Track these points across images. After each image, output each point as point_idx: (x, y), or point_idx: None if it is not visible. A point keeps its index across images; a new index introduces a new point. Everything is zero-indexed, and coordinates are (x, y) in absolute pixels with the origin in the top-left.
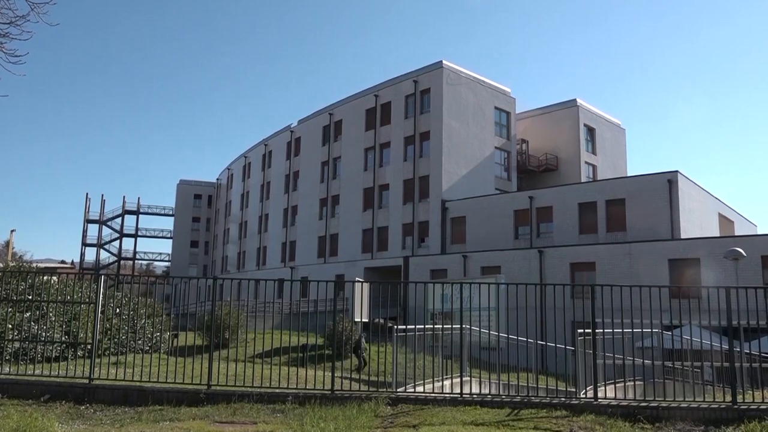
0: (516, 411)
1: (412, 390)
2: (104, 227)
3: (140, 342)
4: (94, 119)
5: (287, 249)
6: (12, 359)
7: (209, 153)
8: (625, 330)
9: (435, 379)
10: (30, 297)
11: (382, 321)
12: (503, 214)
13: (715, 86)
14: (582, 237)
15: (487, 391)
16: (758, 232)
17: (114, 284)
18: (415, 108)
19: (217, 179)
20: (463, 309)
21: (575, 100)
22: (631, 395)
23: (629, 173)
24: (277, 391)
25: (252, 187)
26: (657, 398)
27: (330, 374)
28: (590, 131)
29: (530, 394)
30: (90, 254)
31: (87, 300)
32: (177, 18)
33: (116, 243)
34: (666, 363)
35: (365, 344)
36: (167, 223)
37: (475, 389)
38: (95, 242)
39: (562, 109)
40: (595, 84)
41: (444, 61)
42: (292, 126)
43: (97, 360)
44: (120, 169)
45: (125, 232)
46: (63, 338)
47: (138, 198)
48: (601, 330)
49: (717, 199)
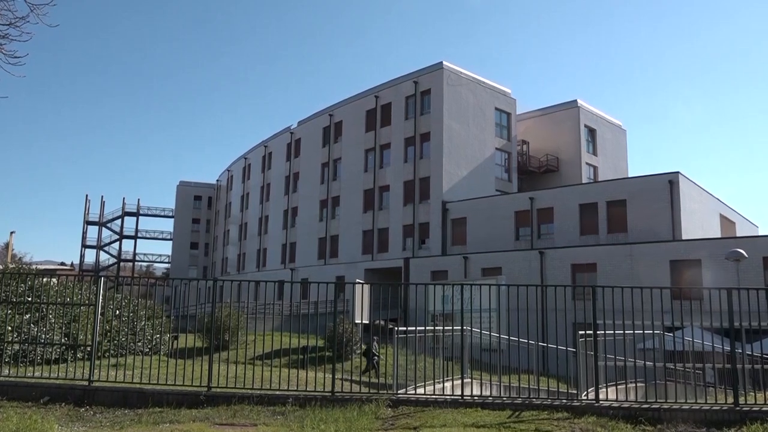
0: (517, 413)
1: (413, 392)
2: (104, 229)
3: (140, 344)
4: (94, 120)
5: (287, 250)
6: (11, 361)
7: (209, 154)
8: (627, 331)
9: (436, 381)
10: (29, 299)
11: (383, 322)
12: (504, 216)
13: (716, 86)
14: (583, 238)
15: (488, 393)
16: (760, 233)
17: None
18: (416, 109)
19: (217, 181)
20: (464, 310)
21: (576, 101)
22: (633, 397)
23: (630, 174)
24: (278, 393)
25: (252, 189)
26: (658, 400)
27: (330, 376)
28: (591, 132)
29: (531, 396)
30: (90, 256)
31: (87, 302)
32: (176, 18)
33: (116, 245)
34: (667, 364)
35: (378, 348)
36: (167, 225)
37: (476, 391)
38: (95, 244)
39: (563, 110)
40: (596, 85)
41: (444, 62)
42: (292, 127)
43: (97, 362)
44: (120, 171)
45: (125, 234)
46: (62, 340)
47: (138, 199)
48: (603, 331)
49: (718, 200)
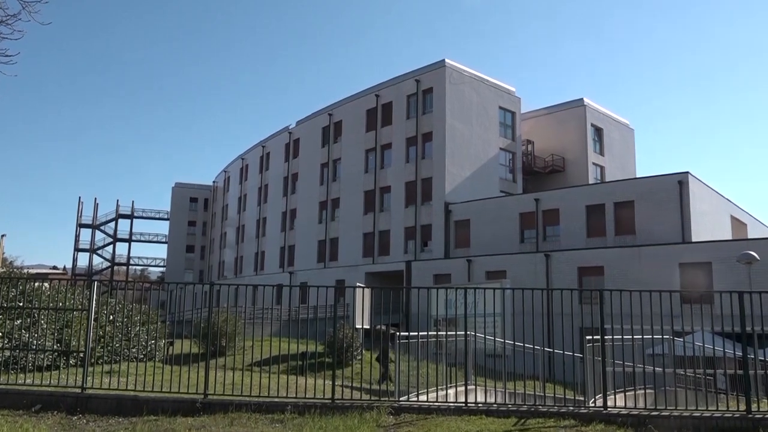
0: (523, 420)
1: (416, 399)
2: (97, 232)
3: (134, 350)
4: (87, 120)
5: (286, 253)
6: (2, 368)
7: (205, 155)
8: (635, 336)
9: (439, 388)
10: (21, 304)
11: (384, 327)
12: (508, 217)
13: (727, 85)
14: (590, 240)
15: (493, 400)
16: None
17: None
18: (417, 108)
19: (214, 182)
20: (468, 315)
21: (582, 100)
22: (642, 404)
23: (638, 174)
24: (276, 401)
25: (249, 190)
26: (668, 407)
27: (330, 383)
28: (598, 131)
29: (537, 403)
30: (83, 260)
31: (79, 307)
32: (172, 17)
33: (110, 248)
34: (677, 370)
35: (391, 355)
36: (162, 228)
37: (480, 398)
38: (88, 247)
39: (569, 109)
40: (603, 83)
41: (446, 60)
42: (291, 127)
43: (90, 369)
44: (114, 172)
45: (119, 237)
46: (55, 346)
47: (132, 201)
48: (610, 336)
49: (729, 201)
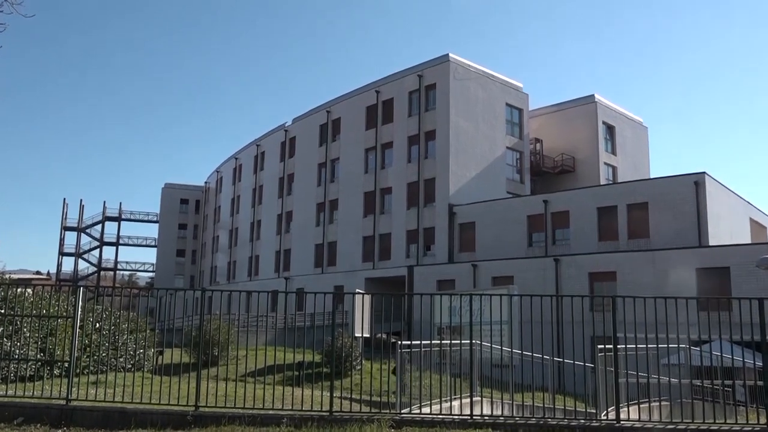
0: None
1: (418, 411)
2: (83, 235)
3: (122, 360)
4: (73, 120)
5: (281, 258)
6: None
7: (196, 154)
8: (650, 345)
9: (443, 400)
10: (2, 311)
11: (385, 336)
12: (516, 220)
13: (745, 84)
14: (601, 244)
15: (500, 413)
16: None
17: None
18: (420, 105)
19: (206, 183)
20: (473, 323)
21: (593, 96)
22: (657, 417)
23: (652, 175)
24: (271, 413)
25: (243, 191)
26: (685, 420)
27: (328, 394)
28: (610, 129)
29: (546, 416)
30: (68, 264)
31: (64, 314)
32: (163, 11)
33: (96, 252)
34: (694, 381)
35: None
36: (151, 231)
37: (487, 410)
38: (73, 251)
39: (579, 106)
40: (615, 79)
41: (451, 55)
42: (287, 125)
43: (75, 379)
44: (100, 173)
45: (106, 241)
46: (38, 356)
47: (120, 203)
48: (623, 346)
49: (748, 203)
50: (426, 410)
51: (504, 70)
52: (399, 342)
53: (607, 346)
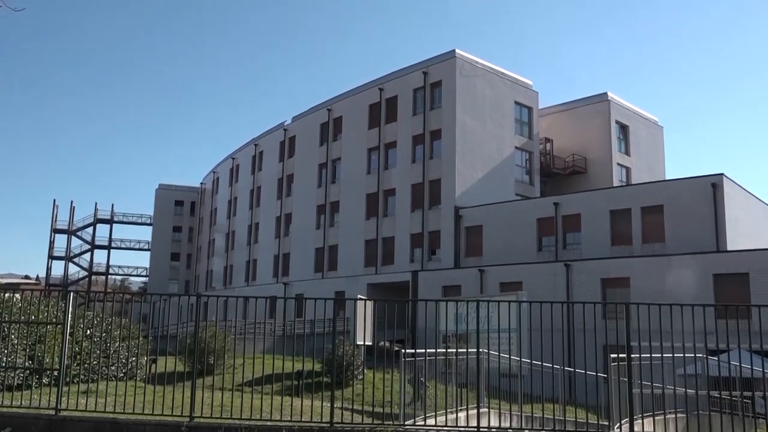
0: None
1: (422, 423)
2: (74, 238)
3: (114, 368)
4: (63, 118)
5: (280, 262)
6: None
7: (192, 154)
8: (665, 355)
9: (448, 411)
10: None
11: (388, 344)
12: (525, 223)
13: (765, 82)
14: (614, 249)
15: (508, 425)
16: None
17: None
18: (425, 103)
19: (201, 183)
20: (480, 331)
21: (606, 94)
22: (672, 429)
23: (668, 176)
24: (269, 424)
25: (240, 193)
26: None
27: (329, 405)
28: (623, 129)
29: (556, 428)
30: (57, 268)
31: (54, 320)
32: (155, 4)
33: (87, 256)
34: (712, 393)
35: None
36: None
37: (494, 422)
38: (63, 255)
39: (592, 104)
40: (629, 76)
41: (457, 50)
42: (286, 124)
43: (65, 388)
44: (92, 173)
45: (97, 244)
46: (26, 364)
47: (112, 205)
48: (638, 355)
49: None
50: (431, 422)
51: (513, 67)
52: (403, 350)
53: (621, 356)
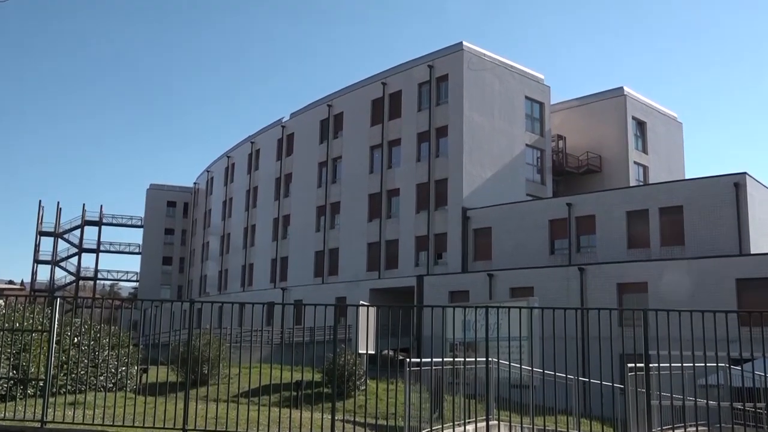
0: None
1: None
2: (60, 241)
3: (102, 378)
4: (49, 115)
5: (278, 267)
6: None
7: (185, 153)
8: (685, 364)
9: (455, 423)
10: None
11: (392, 353)
12: (536, 225)
13: None
14: (631, 252)
15: None
16: None
17: (72, 309)
18: (431, 98)
19: (195, 183)
20: (489, 338)
21: (622, 89)
22: None
23: (687, 175)
24: None
25: (236, 193)
26: None
27: (329, 417)
28: (640, 125)
29: None
30: (43, 273)
31: (39, 328)
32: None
33: (74, 259)
34: (735, 404)
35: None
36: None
37: None
38: (49, 259)
39: (607, 99)
40: (646, 69)
41: (464, 43)
42: (284, 120)
43: (51, 399)
44: (79, 173)
45: (85, 247)
46: (10, 374)
47: (100, 206)
48: (656, 364)
49: None
50: None
51: (523, 61)
52: (408, 359)
53: (638, 365)
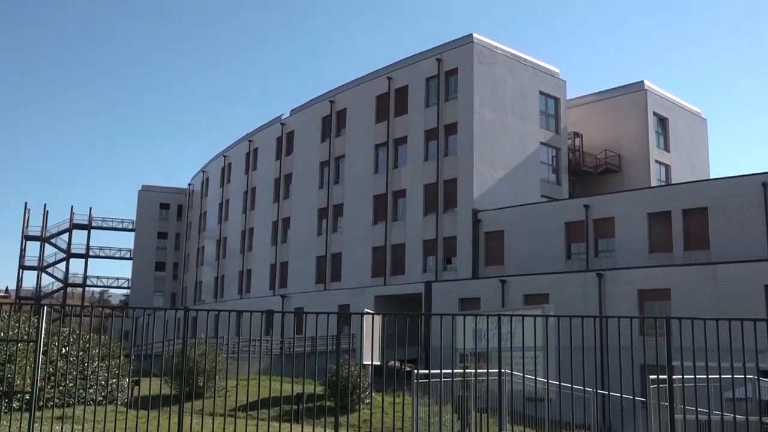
0: None
1: None
2: (47, 245)
3: (92, 391)
4: (34, 114)
5: (277, 273)
6: None
7: (179, 152)
8: (711, 376)
9: None
10: None
11: (399, 364)
12: (552, 228)
13: None
14: (653, 257)
15: None
16: None
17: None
18: (439, 93)
19: (189, 185)
20: (502, 348)
21: (642, 83)
22: None
23: (712, 175)
24: None
25: (233, 195)
26: None
27: None
28: (662, 122)
29: None
30: (29, 279)
31: (25, 337)
32: None
33: (62, 265)
34: (764, 419)
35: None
36: (126, 241)
37: None
38: (36, 264)
39: (626, 94)
40: (668, 62)
41: (475, 35)
42: (284, 117)
43: (38, 413)
44: (67, 174)
45: (73, 252)
46: None
47: (89, 209)
48: (680, 376)
49: None
50: None
51: (537, 53)
52: (415, 371)
53: (661, 377)
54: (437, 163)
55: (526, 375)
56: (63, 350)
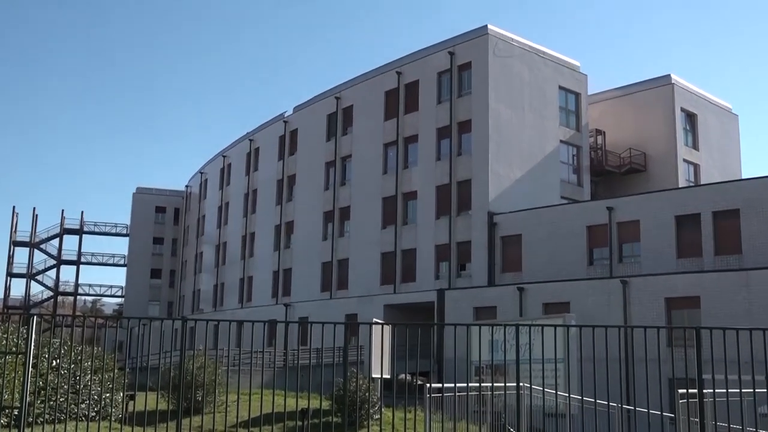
0: None
1: None
2: (36, 251)
3: (84, 406)
4: (23, 113)
5: (280, 280)
6: None
7: (175, 152)
8: (744, 390)
9: None
10: None
11: (410, 377)
12: (572, 232)
13: None
14: (681, 262)
15: None
16: None
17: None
18: (452, 89)
19: (187, 187)
20: (520, 361)
21: (669, 77)
22: None
23: (744, 175)
24: None
25: (233, 197)
26: None
27: None
28: (690, 118)
29: None
30: (18, 287)
31: (13, 349)
32: None
33: (52, 272)
34: None
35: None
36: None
37: None
38: (25, 271)
39: (652, 89)
40: (696, 55)
41: (490, 26)
42: (287, 114)
43: (28, 430)
44: (57, 176)
45: (64, 258)
46: None
47: (81, 213)
48: (711, 390)
49: None
50: None
51: (556, 46)
52: (427, 385)
53: (691, 391)
54: (450, 163)
55: (546, 389)
56: (54, 363)
